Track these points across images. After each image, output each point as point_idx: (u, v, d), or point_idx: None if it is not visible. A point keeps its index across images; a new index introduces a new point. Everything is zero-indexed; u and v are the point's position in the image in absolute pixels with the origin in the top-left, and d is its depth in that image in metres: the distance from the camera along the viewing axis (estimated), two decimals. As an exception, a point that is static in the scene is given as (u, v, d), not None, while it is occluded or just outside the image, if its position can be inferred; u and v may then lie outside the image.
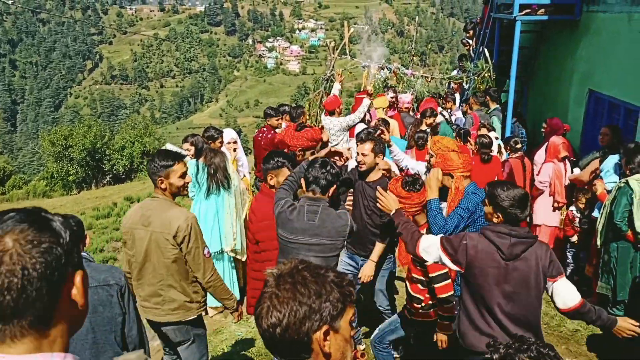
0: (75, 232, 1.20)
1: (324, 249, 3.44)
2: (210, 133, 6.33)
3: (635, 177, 5.24)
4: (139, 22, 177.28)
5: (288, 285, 1.43)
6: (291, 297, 1.41)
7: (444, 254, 3.18)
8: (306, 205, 3.48)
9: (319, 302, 1.42)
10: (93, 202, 23.86)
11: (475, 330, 3.22)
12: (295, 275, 1.46)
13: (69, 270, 1.15)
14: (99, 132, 36.40)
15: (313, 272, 1.48)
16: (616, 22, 6.91)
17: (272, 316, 1.42)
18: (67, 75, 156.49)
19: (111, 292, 3.03)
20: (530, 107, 10.01)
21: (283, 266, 1.50)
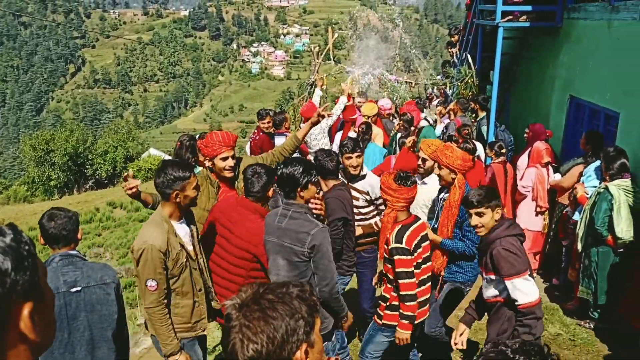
0: (25, 256, 1.04)
1: (289, 253, 3.47)
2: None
3: (615, 183, 5.31)
4: (122, 26, 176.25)
5: (257, 314, 1.36)
6: (264, 325, 1.34)
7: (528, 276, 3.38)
8: (281, 208, 3.59)
9: (293, 322, 1.37)
10: (75, 208, 23.59)
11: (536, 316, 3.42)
12: (261, 301, 1.38)
13: (11, 305, 1.00)
14: (81, 136, 36.05)
15: (276, 292, 1.41)
16: (596, 29, 7.00)
17: (248, 349, 1.34)
18: (49, 79, 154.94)
19: (108, 290, 3.13)
20: (512, 113, 10.10)
21: (242, 295, 1.42)
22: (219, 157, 4.19)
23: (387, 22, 13.34)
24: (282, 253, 3.49)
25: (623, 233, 5.24)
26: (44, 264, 1.13)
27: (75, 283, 3.05)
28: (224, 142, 4.17)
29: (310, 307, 1.42)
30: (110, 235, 18.30)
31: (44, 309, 1.08)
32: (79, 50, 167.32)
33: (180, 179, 3.27)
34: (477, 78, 9.47)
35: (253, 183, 3.69)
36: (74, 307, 3.02)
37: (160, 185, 3.31)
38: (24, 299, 1.02)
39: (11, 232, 1.04)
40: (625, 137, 6.08)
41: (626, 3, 6.22)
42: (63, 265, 3.05)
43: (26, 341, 1.03)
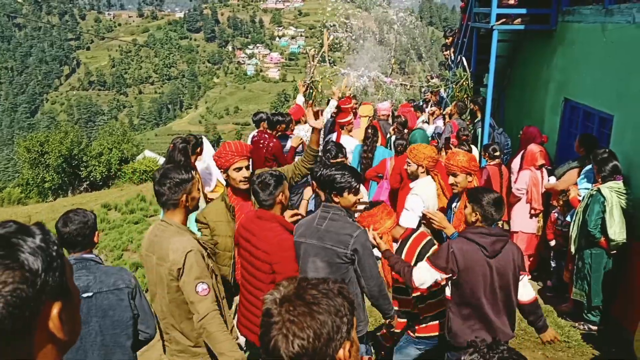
0: (55, 257, 1.05)
1: (330, 255, 3.45)
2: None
3: (607, 185, 5.34)
4: (117, 28, 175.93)
5: (302, 309, 1.31)
6: (310, 320, 1.30)
7: (435, 271, 3.41)
8: (320, 210, 3.59)
9: (338, 319, 1.33)
10: (69, 210, 23.50)
11: (467, 329, 3.48)
12: (305, 295, 1.34)
13: (40, 305, 1.01)
14: (75, 138, 35.90)
15: (319, 288, 1.37)
16: (590, 32, 7.04)
17: (294, 345, 1.28)
18: (44, 81, 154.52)
19: (121, 296, 3.07)
20: (506, 116, 10.14)
21: (282, 290, 1.37)
22: (232, 168, 4.07)
23: (382, 24, 13.39)
24: (322, 255, 3.47)
25: (616, 235, 5.27)
26: (69, 262, 1.14)
27: (88, 288, 3.01)
28: (237, 152, 4.05)
29: (351, 304, 1.40)
30: (105, 238, 18.21)
31: (71, 308, 1.11)
32: (73, 52, 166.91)
33: (186, 180, 3.16)
34: (472, 80, 9.50)
35: (258, 192, 3.60)
36: (85, 312, 2.97)
37: (167, 193, 3.13)
38: (53, 299, 1.04)
39: (40, 233, 1.05)
40: (619, 139, 6.11)
41: (620, 6, 6.25)
42: (76, 270, 3.00)
43: (54, 340, 1.05)
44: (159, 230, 3.21)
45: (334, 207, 3.54)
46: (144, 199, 22.00)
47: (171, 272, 3.06)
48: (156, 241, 3.17)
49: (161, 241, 3.14)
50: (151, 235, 3.25)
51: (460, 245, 3.42)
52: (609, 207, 5.27)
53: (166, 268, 3.08)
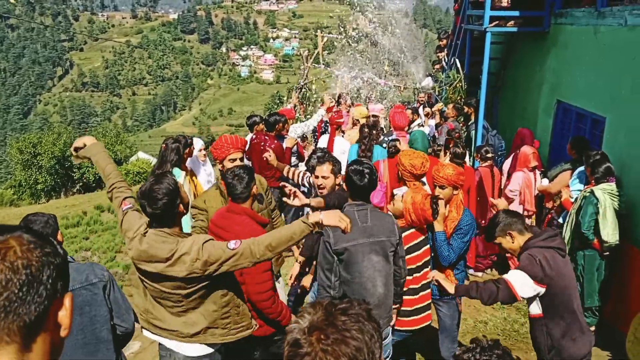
0: (65, 253, 1.20)
1: (385, 247, 3.53)
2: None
3: (600, 187, 5.36)
4: (111, 29, 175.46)
5: (335, 336, 1.24)
6: (345, 348, 1.23)
7: (536, 284, 3.31)
8: (355, 211, 3.55)
9: (372, 343, 1.28)
10: (62, 211, 23.41)
11: (571, 339, 3.39)
12: (336, 322, 1.27)
13: (58, 286, 1.14)
14: (68, 139, 35.77)
15: (348, 312, 1.31)
16: (583, 34, 7.07)
17: None
18: (37, 82, 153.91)
19: (95, 290, 2.99)
20: (500, 118, 10.17)
21: (309, 316, 1.30)
22: (227, 159, 4.35)
23: (377, 26, 13.41)
24: (376, 250, 3.52)
25: (609, 237, 5.29)
26: None
27: None
28: (232, 144, 4.37)
29: (378, 324, 1.35)
30: (97, 239, 18.16)
31: (71, 308, 1.19)
32: (67, 53, 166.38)
33: (176, 190, 3.04)
34: (466, 82, 9.52)
35: (235, 185, 3.59)
36: None
37: (165, 208, 2.98)
38: (65, 290, 1.16)
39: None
40: (611, 141, 6.14)
41: (612, 9, 6.28)
42: None
43: (56, 332, 1.14)
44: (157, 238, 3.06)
45: (362, 204, 3.58)
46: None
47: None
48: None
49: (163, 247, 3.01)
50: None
51: (542, 255, 3.32)
52: (602, 208, 5.30)
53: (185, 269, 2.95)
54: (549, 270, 3.28)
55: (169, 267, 2.94)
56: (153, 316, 3.21)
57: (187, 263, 2.91)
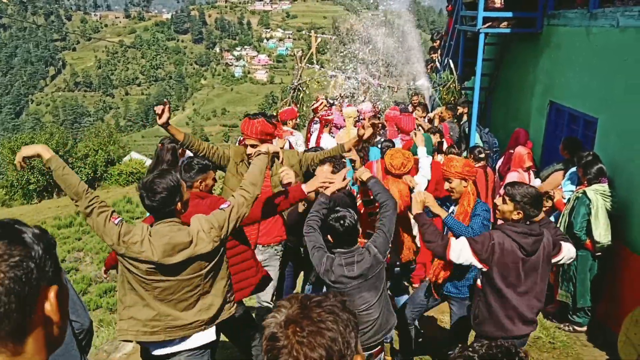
0: (51, 245, 1.14)
1: (370, 284, 3.54)
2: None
3: (593, 188, 5.39)
4: (104, 29, 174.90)
5: (310, 328, 1.28)
6: (321, 339, 1.27)
7: (474, 257, 3.48)
8: (343, 260, 3.50)
9: (347, 333, 1.31)
10: (54, 212, 23.30)
11: (492, 321, 3.59)
12: (311, 315, 1.30)
13: (41, 285, 1.08)
14: (61, 139, 35.62)
15: (323, 305, 1.34)
16: (575, 35, 7.10)
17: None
18: (29, 82, 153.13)
19: None
20: (493, 118, 10.20)
21: (285, 310, 1.34)
22: (249, 144, 4.46)
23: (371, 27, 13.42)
24: (367, 287, 3.53)
25: (601, 237, 5.32)
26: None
27: None
28: (247, 132, 4.43)
29: (354, 316, 1.37)
30: (90, 240, 18.07)
31: (62, 296, 1.16)
32: (59, 53, 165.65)
33: (178, 187, 3.12)
34: (459, 83, 9.54)
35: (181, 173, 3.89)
36: None
37: (161, 206, 3.08)
38: (50, 282, 1.11)
39: (35, 226, 1.16)
40: (603, 142, 6.17)
41: (604, 10, 6.31)
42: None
43: (46, 327, 1.11)
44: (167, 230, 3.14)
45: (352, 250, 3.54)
46: (130, 200, 21.90)
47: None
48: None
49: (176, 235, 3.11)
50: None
51: (502, 240, 3.45)
52: (594, 209, 5.32)
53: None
54: (495, 256, 3.44)
55: (197, 248, 3.09)
56: (170, 318, 3.22)
57: (206, 237, 3.10)
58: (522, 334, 3.64)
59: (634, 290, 5.15)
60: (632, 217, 5.49)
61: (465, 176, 4.34)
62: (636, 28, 5.64)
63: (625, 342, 4.75)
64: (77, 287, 13.13)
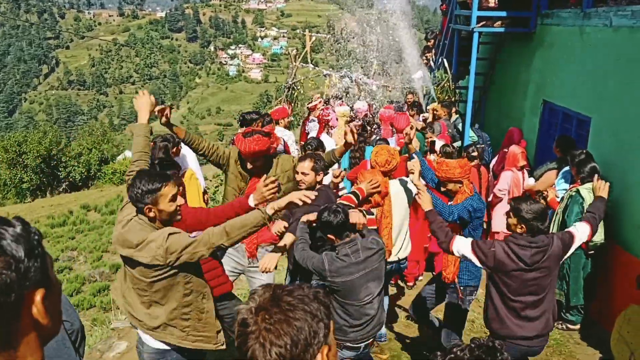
0: (35, 245, 1.08)
1: (378, 270, 3.68)
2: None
3: (586, 186, 5.41)
4: (98, 27, 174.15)
5: (278, 316, 1.31)
6: (287, 327, 1.30)
7: (474, 257, 3.62)
8: (348, 249, 3.61)
9: (315, 324, 1.33)
10: (48, 211, 23.21)
11: (499, 319, 3.72)
12: (280, 303, 1.34)
13: (24, 292, 1.04)
14: (54, 138, 35.41)
15: (294, 294, 1.37)
16: (569, 35, 7.13)
17: (271, 353, 1.28)
18: (22, 80, 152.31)
19: None
20: (487, 117, 10.23)
21: (257, 299, 1.36)
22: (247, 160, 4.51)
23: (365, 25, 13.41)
24: (372, 277, 3.65)
25: (594, 236, 5.33)
26: (49, 253, 1.17)
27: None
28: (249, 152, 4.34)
29: (327, 308, 1.40)
30: (84, 239, 18.01)
31: (53, 297, 1.12)
32: (52, 51, 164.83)
33: (149, 191, 3.02)
34: (453, 82, 9.56)
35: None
36: None
37: (133, 199, 3.10)
38: (36, 286, 1.06)
39: (20, 223, 1.08)
40: (597, 141, 6.20)
41: (598, 10, 6.34)
42: None
43: (37, 327, 1.07)
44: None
45: (354, 239, 3.65)
46: (124, 200, 21.82)
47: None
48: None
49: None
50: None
51: (501, 250, 3.57)
52: (588, 207, 5.34)
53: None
54: (494, 264, 3.58)
55: (137, 252, 3.04)
56: (127, 302, 3.33)
57: (152, 250, 3.00)
58: (531, 335, 3.73)
59: (627, 288, 5.17)
60: (625, 215, 5.52)
61: (459, 178, 4.37)
62: (629, 27, 5.67)
63: (618, 339, 4.77)
64: (70, 287, 13.09)
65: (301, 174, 4.31)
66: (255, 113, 7.41)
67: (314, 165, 4.28)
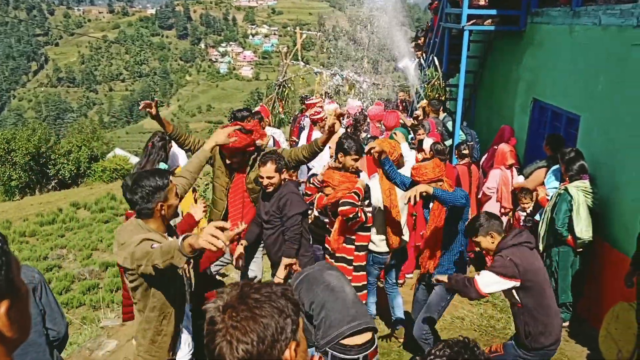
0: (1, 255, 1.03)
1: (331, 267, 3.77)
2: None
3: (574, 184, 5.45)
4: (87, 24, 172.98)
5: (245, 313, 1.32)
6: (253, 324, 1.31)
7: (504, 279, 3.61)
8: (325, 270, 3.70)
9: (282, 320, 1.35)
10: (37, 208, 23.02)
11: (547, 332, 3.72)
12: (247, 300, 1.35)
13: None
14: (43, 135, 35.14)
15: (261, 291, 1.38)
16: (558, 33, 7.16)
17: (238, 350, 1.29)
18: (11, 77, 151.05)
19: None
20: (477, 116, 10.25)
21: (225, 296, 1.38)
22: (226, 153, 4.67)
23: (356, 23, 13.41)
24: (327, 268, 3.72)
25: (582, 233, 5.37)
26: (16, 258, 1.12)
27: None
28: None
29: (295, 305, 1.41)
30: (73, 237, 17.87)
31: (20, 305, 1.09)
32: (41, 48, 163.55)
33: (160, 187, 3.00)
34: (444, 80, 9.57)
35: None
36: None
37: (139, 202, 2.98)
38: (2, 296, 1.03)
39: None
40: (586, 139, 6.23)
41: (587, 8, 6.37)
42: None
43: (3, 339, 1.04)
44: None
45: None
46: (114, 197, 21.70)
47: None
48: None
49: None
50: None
51: (517, 253, 3.65)
52: (576, 206, 5.38)
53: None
54: (521, 265, 3.60)
55: (118, 252, 3.00)
56: None
57: (124, 252, 2.89)
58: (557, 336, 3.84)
59: (615, 286, 5.21)
60: (613, 213, 5.55)
61: (437, 178, 4.40)
62: (618, 26, 5.70)
63: (606, 337, 4.81)
64: (59, 285, 12.99)
65: (266, 178, 4.35)
66: (246, 110, 7.40)
67: (276, 167, 4.33)
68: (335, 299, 3.49)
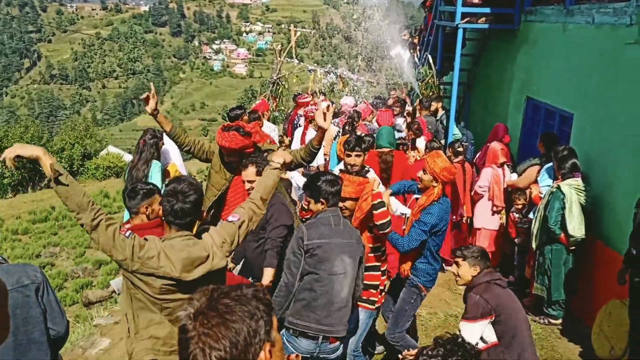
0: None
1: (355, 251, 3.67)
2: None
3: (567, 182, 5.47)
4: (80, 21, 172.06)
5: (215, 320, 1.33)
6: (225, 330, 1.32)
7: (481, 321, 3.61)
8: (330, 216, 3.69)
9: (254, 323, 1.35)
10: (30, 206, 22.91)
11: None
12: (217, 306, 1.36)
13: None
14: (36, 133, 35.02)
15: (231, 295, 1.39)
16: (552, 32, 7.18)
17: (211, 357, 1.30)
18: (3, 74, 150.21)
19: (27, 292, 2.88)
20: (471, 114, 10.27)
21: (195, 303, 1.38)
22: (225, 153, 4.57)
23: (350, 21, 13.40)
24: (348, 252, 3.63)
25: (575, 231, 5.40)
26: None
27: None
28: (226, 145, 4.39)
29: (267, 305, 1.41)
30: (66, 235, 17.78)
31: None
32: (34, 45, 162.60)
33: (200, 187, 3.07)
34: (437, 78, 9.59)
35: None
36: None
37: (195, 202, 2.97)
38: None
39: None
40: (579, 137, 6.26)
41: (580, 7, 6.39)
42: None
43: None
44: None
45: (335, 209, 3.75)
46: (107, 195, 21.59)
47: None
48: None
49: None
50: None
51: (486, 292, 3.65)
52: (569, 203, 5.40)
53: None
54: (492, 301, 3.61)
55: (214, 262, 2.95)
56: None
57: (219, 252, 2.97)
58: None
59: (608, 283, 5.23)
60: (605, 211, 5.58)
61: (437, 177, 4.38)
62: (611, 25, 5.72)
63: (598, 334, 4.83)
64: (52, 283, 12.93)
65: (247, 182, 4.25)
66: (238, 108, 7.39)
67: (257, 170, 4.22)
68: (325, 291, 3.55)
